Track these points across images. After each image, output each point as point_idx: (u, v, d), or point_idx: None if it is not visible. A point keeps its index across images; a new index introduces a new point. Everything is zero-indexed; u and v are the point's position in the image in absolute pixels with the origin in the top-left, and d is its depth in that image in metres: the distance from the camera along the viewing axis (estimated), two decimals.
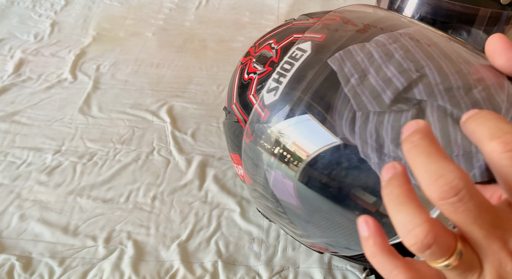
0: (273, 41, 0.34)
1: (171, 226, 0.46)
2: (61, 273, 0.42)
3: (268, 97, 0.29)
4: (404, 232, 0.18)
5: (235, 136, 0.35)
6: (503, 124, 0.18)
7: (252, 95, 0.32)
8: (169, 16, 0.86)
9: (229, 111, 0.37)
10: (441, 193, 0.17)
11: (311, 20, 0.34)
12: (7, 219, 0.47)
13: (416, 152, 0.18)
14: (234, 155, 0.37)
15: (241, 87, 0.35)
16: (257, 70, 0.33)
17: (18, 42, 0.76)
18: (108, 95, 0.65)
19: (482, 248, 0.18)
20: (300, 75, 0.28)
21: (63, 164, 0.53)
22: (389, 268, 0.20)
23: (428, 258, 0.18)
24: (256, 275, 0.42)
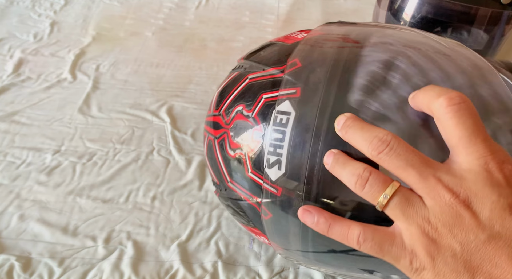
0: (243, 108, 0.31)
1: (171, 226, 0.46)
2: (60, 273, 0.41)
3: (273, 172, 0.28)
4: (349, 178, 0.23)
5: (243, 213, 0.33)
6: (447, 89, 0.22)
7: (251, 173, 0.30)
8: (169, 16, 0.86)
9: (225, 188, 0.34)
10: (377, 148, 0.22)
11: (268, 70, 0.31)
12: (6, 219, 0.47)
13: (352, 131, 0.23)
14: (248, 228, 0.35)
15: (229, 165, 0.32)
16: (243, 145, 0.30)
17: (18, 42, 0.76)
18: (108, 95, 0.65)
19: (420, 186, 0.21)
20: (297, 141, 0.26)
21: (63, 164, 0.53)
22: (345, 229, 0.23)
23: (369, 192, 0.22)
24: (256, 276, 0.42)
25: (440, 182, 0.21)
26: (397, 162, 0.21)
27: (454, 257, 0.20)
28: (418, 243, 0.21)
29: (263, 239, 0.34)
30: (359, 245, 0.23)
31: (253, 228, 0.34)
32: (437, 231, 0.20)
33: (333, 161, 0.24)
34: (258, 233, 0.34)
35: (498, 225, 0.19)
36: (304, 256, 0.31)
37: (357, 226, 0.23)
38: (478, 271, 0.19)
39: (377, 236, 0.22)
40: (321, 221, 0.24)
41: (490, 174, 0.20)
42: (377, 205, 0.22)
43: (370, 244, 0.22)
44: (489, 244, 0.19)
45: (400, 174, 0.22)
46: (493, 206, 0.20)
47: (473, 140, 0.21)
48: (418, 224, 0.21)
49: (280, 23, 0.83)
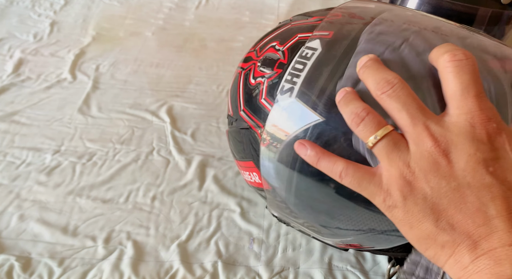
0: (277, 43, 0.33)
1: (170, 226, 0.46)
2: (60, 274, 0.41)
3: (283, 98, 0.29)
4: (349, 114, 0.24)
5: (246, 144, 0.34)
6: (457, 47, 0.23)
7: (264, 99, 0.31)
8: (169, 16, 0.85)
9: (236, 118, 0.35)
10: (382, 88, 0.23)
11: (312, 19, 0.34)
12: (6, 219, 0.47)
13: (368, 70, 0.25)
14: (244, 162, 0.36)
15: (248, 92, 0.34)
16: (265, 73, 0.32)
17: (18, 42, 0.76)
18: (108, 95, 0.65)
19: (408, 130, 0.23)
20: (315, 73, 0.28)
21: (63, 164, 0.53)
22: (331, 164, 0.25)
23: (362, 131, 0.23)
24: (256, 276, 0.42)
25: (427, 130, 0.22)
26: (395, 104, 0.23)
27: (424, 199, 0.22)
28: (394, 183, 0.23)
29: (255, 177, 0.35)
30: (340, 178, 0.25)
31: (247, 161, 0.35)
32: (414, 174, 0.22)
33: (342, 98, 0.25)
34: (252, 168, 0.34)
35: (469, 176, 0.21)
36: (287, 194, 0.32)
37: (341, 162, 0.25)
38: (443, 214, 0.21)
39: (358, 173, 0.24)
40: (312, 154, 0.26)
41: (473, 129, 0.21)
42: (367, 143, 0.24)
43: (350, 180, 0.24)
44: (457, 191, 0.21)
45: (394, 115, 0.23)
46: (469, 158, 0.21)
47: (465, 95, 0.22)
48: (398, 166, 0.22)
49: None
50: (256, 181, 0.35)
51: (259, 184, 0.34)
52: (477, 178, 0.21)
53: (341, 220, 0.30)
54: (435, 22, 0.30)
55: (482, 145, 0.21)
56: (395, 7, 0.33)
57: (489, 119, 0.22)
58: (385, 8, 0.32)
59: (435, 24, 0.29)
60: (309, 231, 0.35)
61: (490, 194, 0.20)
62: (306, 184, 0.29)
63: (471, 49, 0.24)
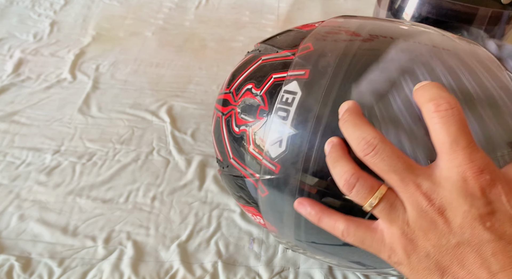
0: (252, 86, 0.32)
1: (170, 226, 0.46)
2: (60, 274, 0.41)
3: (274, 150, 0.28)
4: (338, 178, 0.24)
5: (242, 190, 0.33)
6: (442, 91, 0.23)
7: (253, 150, 0.30)
8: (169, 16, 0.85)
9: (227, 165, 0.34)
10: (363, 150, 0.23)
11: (282, 53, 0.32)
12: (6, 219, 0.47)
13: (347, 125, 0.24)
14: (245, 206, 0.36)
15: (234, 141, 0.32)
16: (248, 121, 0.31)
17: (17, 42, 0.76)
18: (108, 95, 0.65)
19: (401, 191, 0.22)
20: (300, 121, 0.27)
21: (63, 164, 0.53)
22: (332, 222, 0.25)
23: (356, 196, 0.23)
24: (256, 276, 0.42)
25: (419, 189, 0.22)
26: (381, 166, 0.23)
27: (427, 257, 0.22)
28: (397, 241, 0.23)
29: (259, 219, 0.34)
30: (343, 237, 0.25)
31: (249, 206, 0.34)
32: (414, 233, 0.22)
33: (328, 153, 0.25)
34: (255, 213, 0.34)
35: (467, 233, 0.21)
36: (296, 239, 0.32)
37: (342, 220, 0.25)
38: (447, 271, 0.21)
39: (360, 231, 0.24)
40: (312, 213, 0.26)
41: (465, 184, 0.21)
42: (364, 208, 0.24)
43: (353, 238, 0.25)
44: (458, 248, 0.21)
45: (384, 176, 0.23)
46: (464, 215, 0.21)
47: (454, 147, 0.22)
48: (398, 226, 0.23)
49: (280, 23, 0.83)
50: (261, 222, 0.35)
51: (264, 225, 0.34)
52: (475, 235, 0.21)
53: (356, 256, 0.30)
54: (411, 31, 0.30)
55: (476, 200, 0.21)
56: (370, 23, 0.32)
57: (481, 171, 0.21)
58: (362, 24, 0.31)
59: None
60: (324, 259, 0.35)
61: (491, 250, 0.20)
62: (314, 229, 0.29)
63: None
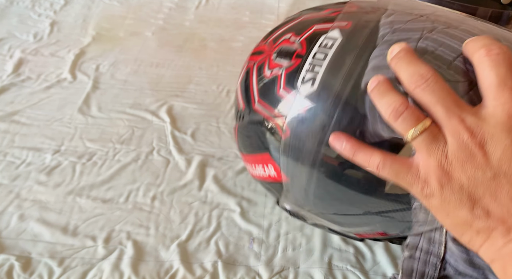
0: (292, 34, 0.33)
1: (170, 226, 0.46)
2: (60, 273, 0.41)
3: (305, 88, 0.29)
4: (386, 107, 0.24)
5: (261, 136, 0.33)
6: (493, 41, 0.24)
7: (283, 90, 0.31)
8: (169, 16, 0.86)
9: (248, 112, 0.35)
10: (415, 82, 0.23)
11: (325, 11, 0.33)
12: (6, 219, 0.47)
13: (400, 62, 0.25)
14: (257, 155, 0.35)
15: (263, 84, 0.33)
16: (282, 64, 0.32)
17: (18, 42, 0.76)
18: (108, 95, 0.65)
19: (444, 124, 0.23)
20: (337, 63, 0.28)
21: (63, 164, 0.53)
22: (368, 156, 0.26)
23: (401, 125, 0.24)
24: (256, 275, 0.42)
25: (462, 122, 0.22)
26: (429, 98, 0.23)
27: (461, 188, 0.23)
28: (432, 173, 0.23)
29: (269, 170, 0.34)
30: (378, 170, 0.25)
31: (263, 153, 0.34)
32: (452, 165, 0.23)
33: (375, 87, 0.25)
34: (268, 160, 0.34)
35: (505, 166, 0.22)
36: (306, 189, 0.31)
37: (378, 154, 0.25)
38: (479, 202, 0.22)
39: (395, 165, 0.25)
40: (347, 147, 0.26)
41: (510, 119, 0.22)
42: (406, 137, 0.24)
43: (388, 171, 0.25)
44: (493, 181, 0.22)
45: (429, 108, 0.23)
46: (505, 149, 0.22)
47: (502, 86, 0.22)
48: (437, 158, 0.23)
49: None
50: (270, 175, 0.34)
51: (274, 177, 0.34)
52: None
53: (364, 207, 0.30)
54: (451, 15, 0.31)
55: None
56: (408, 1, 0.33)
57: None
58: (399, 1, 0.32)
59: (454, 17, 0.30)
60: (327, 222, 0.35)
61: None
62: (329, 174, 0.29)
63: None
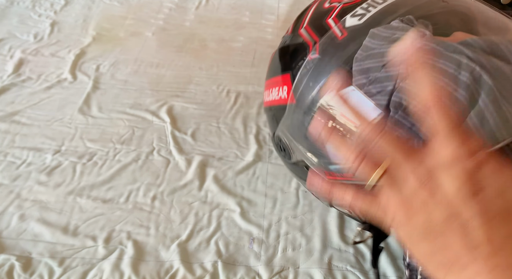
0: None
1: (171, 226, 0.46)
2: (60, 273, 0.42)
3: (352, 21, 0.30)
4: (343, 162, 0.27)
5: (292, 56, 0.35)
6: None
7: (331, 19, 0.33)
8: (169, 16, 0.86)
9: (292, 36, 0.37)
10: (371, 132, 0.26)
11: None
12: (7, 219, 0.47)
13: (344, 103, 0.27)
14: (279, 76, 0.37)
15: (317, 13, 0.35)
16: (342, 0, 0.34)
17: (18, 42, 0.76)
18: (108, 95, 0.65)
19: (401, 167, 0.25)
20: (391, 9, 0.29)
21: (63, 164, 0.53)
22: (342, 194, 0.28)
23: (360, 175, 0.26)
24: (256, 275, 0.42)
25: (412, 172, 0.24)
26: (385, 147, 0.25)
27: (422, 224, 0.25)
28: (396, 210, 0.25)
29: (285, 91, 0.36)
30: (351, 209, 0.28)
31: (286, 74, 0.36)
32: (411, 205, 0.25)
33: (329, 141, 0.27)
34: (286, 81, 0.35)
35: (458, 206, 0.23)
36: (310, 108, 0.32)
37: (349, 194, 0.28)
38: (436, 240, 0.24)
39: (365, 204, 0.27)
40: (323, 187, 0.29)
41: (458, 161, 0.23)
42: (369, 182, 0.26)
43: (359, 210, 0.28)
44: (449, 220, 0.24)
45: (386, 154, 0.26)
46: (456, 191, 0.23)
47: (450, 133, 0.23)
48: (398, 197, 0.25)
49: (280, 23, 0.83)
50: (281, 96, 0.36)
51: (284, 99, 0.36)
52: (465, 209, 0.23)
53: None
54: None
55: (467, 178, 0.23)
56: None
57: (473, 152, 0.23)
58: None
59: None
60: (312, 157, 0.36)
61: (477, 223, 0.23)
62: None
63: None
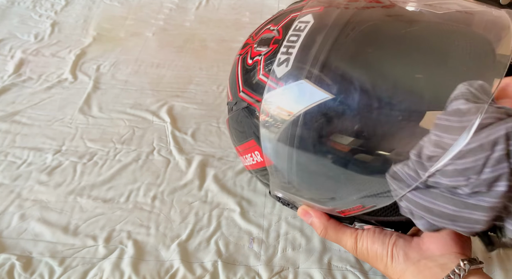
0: (271, 25, 0.35)
1: (171, 225, 0.47)
2: (61, 273, 0.42)
3: (280, 70, 0.30)
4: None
5: (246, 123, 0.35)
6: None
7: (262, 75, 0.32)
8: (169, 16, 0.86)
9: (235, 102, 0.36)
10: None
11: (303, 2, 0.35)
12: (7, 218, 0.47)
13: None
14: (245, 144, 0.37)
15: (246, 73, 0.35)
16: (261, 51, 0.33)
17: (19, 42, 0.76)
18: (108, 95, 0.65)
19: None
20: (309, 42, 0.29)
21: (63, 164, 0.53)
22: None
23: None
24: (256, 275, 0.42)
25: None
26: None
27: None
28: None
29: (257, 155, 0.35)
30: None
31: (250, 140, 0.36)
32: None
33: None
34: (254, 147, 0.35)
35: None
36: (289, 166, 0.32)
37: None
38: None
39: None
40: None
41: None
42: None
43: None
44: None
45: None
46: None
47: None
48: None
49: None
50: (258, 161, 0.36)
51: (260, 163, 0.35)
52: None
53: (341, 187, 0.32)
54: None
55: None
56: None
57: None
58: None
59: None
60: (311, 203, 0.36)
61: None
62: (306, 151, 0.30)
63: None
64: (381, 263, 0.33)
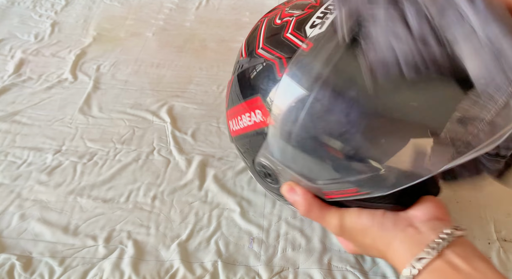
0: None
1: (171, 225, 0.47)
2: (61, 273, 0.42)
3: (312, 31, 0.30)
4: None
5: (256, 79, 0.34)
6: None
7: (289, 33, 0.32)
8: (169, 16, 0.86)
9: (248, 59, 0.35)
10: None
11: None
12: (7, 218, 0.47)
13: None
14: (243, 103, 0.35)
15: (271, 31, 0.34)
16: (294, 13, 0.33)
17: (19, 42, 0.76)
18: (109, 95, 0.65)
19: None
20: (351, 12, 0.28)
21: (64, 164, 0.53)
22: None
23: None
24: (256, 275, 0.42)
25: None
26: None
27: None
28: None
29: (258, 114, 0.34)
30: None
31: (255, 97, 0.34)
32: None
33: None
34: (257, 104, 0.34)
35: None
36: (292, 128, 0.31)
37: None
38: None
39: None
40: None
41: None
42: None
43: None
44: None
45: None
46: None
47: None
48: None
49: None
50: (254, 121, 0.34)
51: (259, 123, 0.34)
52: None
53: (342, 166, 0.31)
54: None
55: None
56: None
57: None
58: None
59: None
60: (299, 178, 0.35)
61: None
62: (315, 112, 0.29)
63: None
64: (369, 236, 0.33)
